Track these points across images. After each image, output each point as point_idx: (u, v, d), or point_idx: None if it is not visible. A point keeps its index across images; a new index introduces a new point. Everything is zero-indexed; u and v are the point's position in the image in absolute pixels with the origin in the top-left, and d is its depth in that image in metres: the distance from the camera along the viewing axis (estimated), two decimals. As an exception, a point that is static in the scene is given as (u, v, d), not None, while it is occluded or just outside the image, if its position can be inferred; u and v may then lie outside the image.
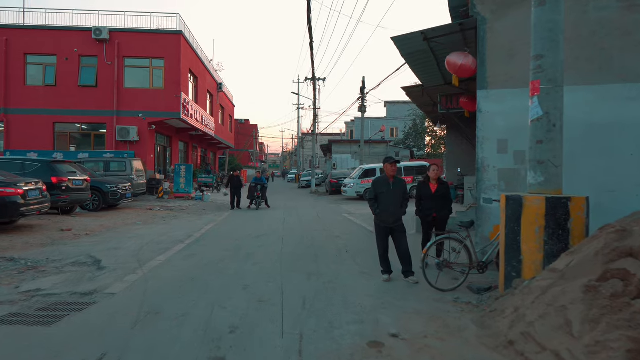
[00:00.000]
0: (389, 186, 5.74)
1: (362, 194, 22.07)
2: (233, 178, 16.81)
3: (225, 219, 13.27)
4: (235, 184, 16.53)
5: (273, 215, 14.59)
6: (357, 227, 11.71)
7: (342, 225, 12.28)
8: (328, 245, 8.75)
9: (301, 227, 11.63)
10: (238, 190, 16.56)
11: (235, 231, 10.76)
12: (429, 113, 13.74)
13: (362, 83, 25.07)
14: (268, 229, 11.05)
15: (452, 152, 16.91)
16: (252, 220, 12.95)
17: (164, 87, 20.93)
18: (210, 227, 11.39)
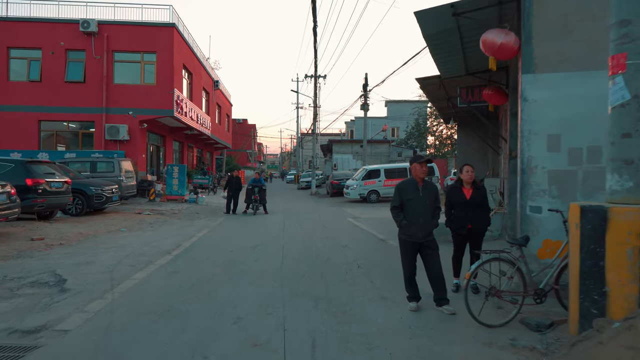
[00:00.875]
0: (417, 192, 4.60)
1: (366, 196, 20.95)
2: (232, 179, 15.27)
3: (219, 225, 12.12)
4: (234, 186, 15.02)
5: (272, 220, 13.39)
6: (365, 235, 10.57)
7: (348, 231, 11.14)
8: (335, 257, 7.60)
9: (303, 234, 10.49)
10: (236, 193, 15.10)
11: (229, 240, 9.60)
12: (441, 109, 12.64)
13: (365, 80, 23.97)
14: (266, 237, 9.90)
15: (463, 151, 15.80)
16: (249, 227, 11.79)
17: (156, 83, 19.77)
18: (202, 235, 10.23)
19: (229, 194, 15.05)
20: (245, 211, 15.11)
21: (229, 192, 15.06)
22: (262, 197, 14.87)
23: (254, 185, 14.83)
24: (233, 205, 15.02)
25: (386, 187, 21.08)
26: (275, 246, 8.68)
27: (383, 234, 10.25)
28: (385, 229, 11.12)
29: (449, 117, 13.98)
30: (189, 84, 24.08)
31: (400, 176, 21.19)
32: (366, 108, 23.98)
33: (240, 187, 15.38)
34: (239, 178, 15.51)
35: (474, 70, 8.25)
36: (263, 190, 14.94)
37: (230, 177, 15.61)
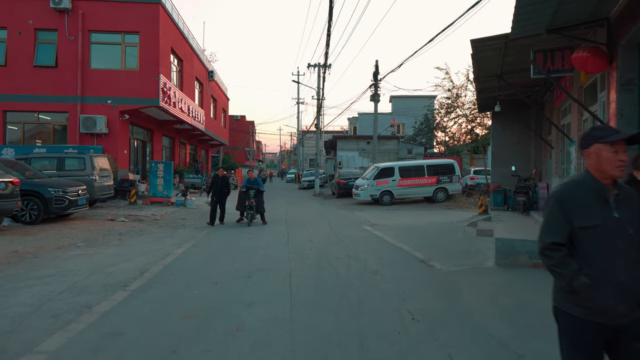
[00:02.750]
0: (608, 209, 2.03)
1: (378, 198, 18.47)
2: (217, 180, 11.93)
3: (206, 238, 9.56)
4: (219, 189, 11.77)
5: (272, 231, 10.63)
6: (394, 251, 8.09)
7: (371, 246, 8.66)
8: (370, 295, 5.12)
9: (315, 251, 8.00)
10: (223, 197, 11.91)
11: (215, 262, 7.10)
12: (483, 91, 10.15)
13: (375, 67, 21.47)
14: (266, 258, 7.40)
15: (499, 145, 13.33)
16: (243, 243, 9.17)
17: (139, 69, 17.24)
18: (181, 253, 7.73)
19: (212, 199, 11.81)
20: (238, 220, 12.12)
21: (213, 197, 11.80)
22: (259, 203, 11.78)
23: (248, 187, 11.70)
24: (220, 214, 11.88)
25: (401, 188, 18.62)
26: (278, 274, 6.19)
27: (419, 251, 7.78)
28: (416, 242, 8.67)
29: (488, 101, 11.51)
30: (178, 72, 21.56)
31: (417, 175, 18.80)
32: (377, 99, 21.49)
33: (228, 190, 12.10)
34: (226, 178, 12.19)
35: (562, 24, 5.78)
36: (260, 194, 11.84)
37: (215, 177, 12.27)
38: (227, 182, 12.13)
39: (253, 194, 11.57)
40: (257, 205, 11.67)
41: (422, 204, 18.51)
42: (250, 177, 12.15)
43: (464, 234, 9.59)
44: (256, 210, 11.75)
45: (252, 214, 11.62)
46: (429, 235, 9.80)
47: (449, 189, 18.89)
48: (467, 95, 21.29)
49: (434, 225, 11.66)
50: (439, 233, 10.10)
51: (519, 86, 9.52)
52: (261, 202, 11.90)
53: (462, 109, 21.52)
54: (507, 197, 12.86)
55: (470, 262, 6.83)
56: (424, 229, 10.93)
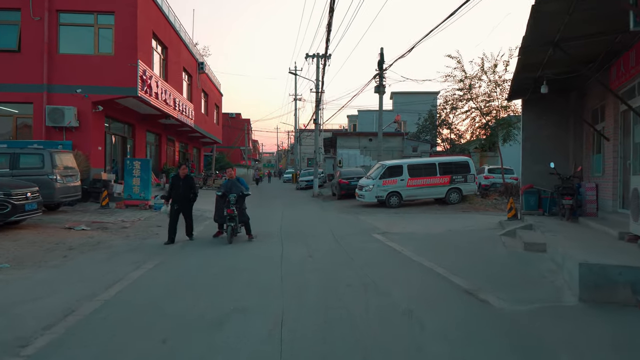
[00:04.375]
0: None
1: (385, 200, 16.48)
2: (177, 182, 8.71)
3: (173, 257, 7.46)
4: (182, 193, 8.59)
5: (260, 249, 7.93)
6: (422, 273, 6.06)
7: (389, 264, 6.66)
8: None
9: (317, 275, 5.97)
10: (187, 204, 8.73)
11: (174, 299, 5.02)
12: (527, 68, 8.12)
13: (380, 56, 19.45)
14: (248, 289, 5.35)
15: (531, 138, 11.32)
16: (221, 263, 6.81)
17: (115, 54, 15.18)
18: (133, 281, 5.68)
19: (172, 208, 8.58)
20: (216, 235, 9.22)
21: (173, 205, 8.59)
22: (241, 212, 8.82)
23: (228, 190, 8.74)
24: (186, 226, 8.83)
25: (411, 188, 16.63)
26: (264, 320, 4.15)
27: (458, 275, 5.76)
28: (448, 260, 6.69)
29: (526, 83, 9.50)
30: (162, 60, 19.50)
31: (428, 174, 16.81)
32: (382, 90, 19.47)
33: (195, 195, 8.91)
34: (191, 180, 8.97)
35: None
36: (242, 197, 8.86)
37: (175, 178, 8.86)
38: (191, 183, 8.91)
39: (234, 200, 8.51)
40: (239, 216, 8.76)
41: (434, 206, 16.53)
42: (230, 177, 9.28)
43: (505, 248, 7.58)
44: (239, 222, 8.87)
45: (232, 226, 8.49)
46: (460, 249, 7.79)
47: (464, 190, 16.93)
48: (481, 87, 19.32)
49: (458, 234, 9.66)
50: (471, 245, 8.09)
51: (575, 61, 7.52)
52: (242, 209, 8.93)
53: (475, 102, 19.55)
54: (542, 199, 10.88)
55: (539, 295, 4.82)
56: (449, 240, 8.92)
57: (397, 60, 17.52)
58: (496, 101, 19.18)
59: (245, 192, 9.07)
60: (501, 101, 19.05)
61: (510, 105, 19.28)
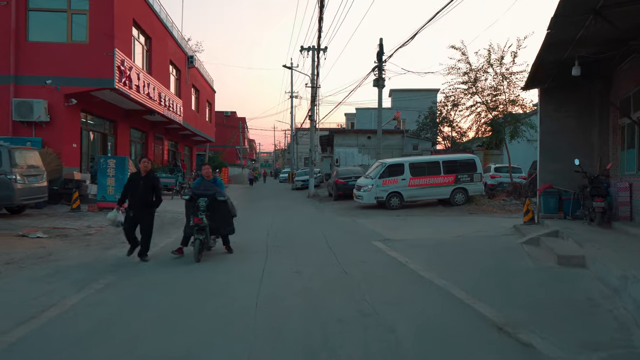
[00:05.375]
0: None
1: (385, 201, 15.22)
2: (136, 181, 6.79)
3: (129, 275, 6.06)
4: (138, 197, 6.69)
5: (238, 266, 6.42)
6: (435, 295, 4.80)
7: (394, 283, 5.39)
8: None
9: (303, 300, 4.69)
10: (145, 209, 6.78)
11: (102, 342, 3.71)
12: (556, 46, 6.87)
13: (380, 47, 18.18)
14: (208, 328, 4.06)
15: (550, 132, 10.07)
16: (177, 292, 5.01)
17: (89, 42, 13.90)
18: (61, 312, 4.39)
19: (128, 216, 6.76)
20: (176, 251, 6.93)
21: (129, 211, 6.77)
22: (220, 219, 6.98)
23: (199, 193, 6.89)
24: (141, 241, 6.82)
25: (413, 189, 15.38)
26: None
27: (482, 300, 4.51)
28: (466, 277, 5.46)
29: (549, 68, 8.26)
30: (146, 52, 18.20)
31: (432, 173, 15.57)
32: (381, 84, 18.21)
33: (159, 199, 6.96)
34: (154, 179, 6.93)
35: None
36: (219, 204, 6.94)
37: (134, 176, 7.00)
38: (155, 183, 6.86)
39: (204, 205, 6.66)
40: (215, 224, 6.87)
41: (437, 208, 15.29)
42: (205, 176, 7.35)
43: (532, 261, 6.31)
44: (217, 233, 7.11)
45: (201, 239, 6.56)
46: (478, 262, 6.53)
47: (470, 190, 15.68)
48: (487, 79, 18.07)
49: (471, 242, 8.40)
50: (490, 257, 6.83)
51: (614, 37, 6.27)
52: (225, 217, 7.12)
53: (481, 96, 18.31)
54: (563, 200, 9.65)
55: (599, 335, 3.57)
56: (461, 248, 7.66)
57: (399, 49, 16.31)
58: (503, 95, 17.95)
59: (219, 197, 6.92)
60: (508, 95, 17.82)
61: (517, 100, 18.07)
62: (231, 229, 7.32)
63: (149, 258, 6.86)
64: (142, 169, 6.88)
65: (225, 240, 7.41)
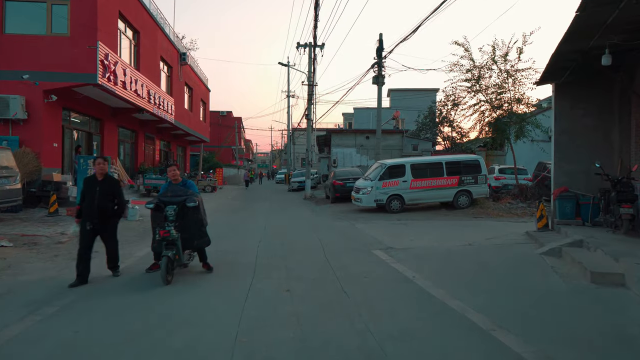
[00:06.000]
0: None
1: (385, 204, 14.42)
2: (93, 186, 5.63)
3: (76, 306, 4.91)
4: (96, 205, 5.54)
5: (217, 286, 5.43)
6: (454, 326, 3.98)
7: (400, 304, 4.58)
8: None
9: (291, 334, 3.86)
10: (106, 220, 5.71)
11: None
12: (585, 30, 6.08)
13: (379, 42, 17.39)
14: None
15: (566, 131, 9.29)
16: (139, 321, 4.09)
17: (70, 34, 13.06)
18: None
19: (83, 227, 5.64)
20: (150, 268, 6.07)
21: (86, 223, 5.62)
22: (194, 229, 5.85)
23: (166, 200, 5.73)
24: (107, 257, 5.89)
25: (414, 191, 14.57)
26: None
27: (508, 328, 3.73)
28: (481, 294, 4.69)
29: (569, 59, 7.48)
30: (134, 47, 17.34)
31: (434, 174, 14.78)
32: (381, 81, 17.41)
33: (122, 207, 5.99)
34: (114, 183, 5.88)
35: None
36: (191, 212, 5.78)
37: (89, 180, 5.81)
38: (115, 189, 5.77)
39: (173, 215, 5.55)
40: (187, 236, 5.74)
41: (440, 211, 14.49)
42: (173, 180, 6.01)
43: (558, 277, 5.49)
44: (186, 246, 5.85)
45: (169, 256, 5.41)
46: (495, 277, 5.71)
47: (474, 192, 14.90)
48: (491, 77, 17.28)
49: (483, 251, 7.59)
50: (509, 271, 6.02)
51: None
52: (198, 226, 5.91)
53: (485, 94, 17.52)
54: (580, 205, 8.86)
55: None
56: (473, 259, 6.85)
57: (400, 43, 15.46)
58: (508, 93, 17.16)
59: (189, 203, 5.65)
60: (514, 93, 17.04)
61: (523, 98, 17.29)
62: (205, 240, 6.10)
63: (120, 272, 5.98)
64: (98, 172, 5.69)
65: (201, 256, 6.18)
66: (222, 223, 12.36)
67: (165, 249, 5.52)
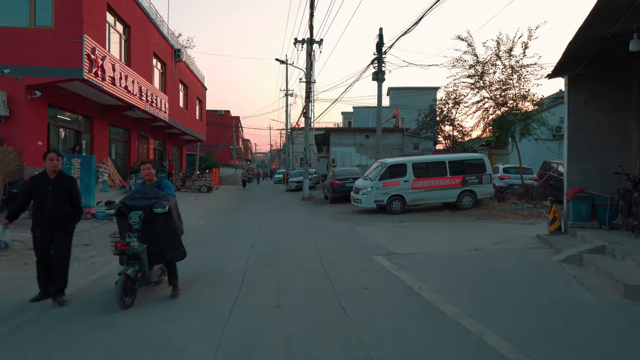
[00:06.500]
0: None
1: (385, 205, 13.80)
2: (38, 187, 4.79)
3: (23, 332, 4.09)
4: (47, 210, 4.65)
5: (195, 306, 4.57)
6: (464, 345, 3.36)
7: (406, 325, 3.96)
8: None
9: None
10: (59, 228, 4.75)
11: None
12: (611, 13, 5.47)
13: (379, 37, 16.76)
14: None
15: (579, 127, 8.67)
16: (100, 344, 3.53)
17: (55, 27, 12.40)
18: None
19: (35, 240, 4.77)
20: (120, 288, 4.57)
21: (34, 231, 4.76)
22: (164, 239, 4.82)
23: (131, 204, 4.74)
24: (55, 277, 4.75)
25: (416, 191, 13.96)
26: None
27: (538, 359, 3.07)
28: (498, 311, 4.11)
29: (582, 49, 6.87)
30: (124, 42, 16.68)
31: (437, 174, 14.17)
32: (381, 77, 16.78)
33: (77, 210, 4.91)
34: (70, 182, 4.96)
35: None
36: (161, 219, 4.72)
37: (37, 180, 4.94)
38: (70, 189, 4.87)
39: (138, 222, 4.61)
40: (156, 248, 4.77)
41: (443, 212, 13.89)
42: (147, 180, 5.20)
43: (585, 290, 4.87)
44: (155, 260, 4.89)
45: (128, 275, 4.46)
46: (513, 291, 5.07)
47: (478, 193, 14.29)
48: (495, 72, 16.66)
49: (493, 258, 6.96)
50: (526, 282, 5.39)
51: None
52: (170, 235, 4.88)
53: (488, 90, 16.90)
54: (596, 206, 8.24)
55: None
56: (485, 268, 6.22)
57: (401, 36, 14.82)
58: (513, 89, 16.55)
59: (156, 209, 4.58)
60: (519, 89, 16.42)
61: (528, 95, 16.68)
62: (179, 253, 5.00)
63: (66, 299, 4.72)
64: (49, 170, 4.81)
65: (170, 274, 4.98)
66: (214, 225, 11.76)
67: (127, 263, 4.54)
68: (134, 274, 4.53)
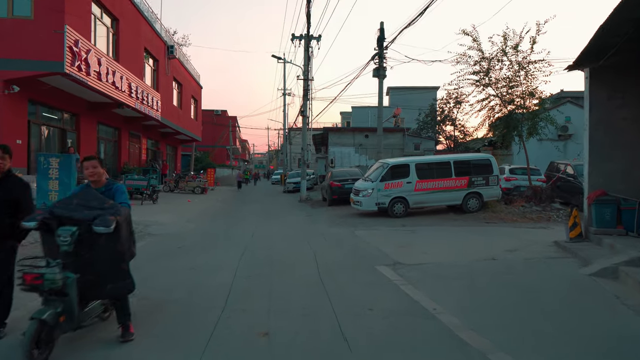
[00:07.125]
0: None
1: (387, 207, 13.03)
2: None
3: None
4: None
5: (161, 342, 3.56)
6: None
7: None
8: None
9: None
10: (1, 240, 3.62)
11: None
12: None
13: (380, 32, 16.01)
14: None
15: (602, 125, 7.92)
16: None
17: (34, 17, 11.64)
18: None
19: None
20: None
21: None
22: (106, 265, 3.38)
23: (64, 214, 3.27)
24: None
25: (420, 193, 13.19)
26: None
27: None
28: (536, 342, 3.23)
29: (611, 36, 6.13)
30: (112, 35, 15.91)
31: (441, 175, 13.41)
32: (382, 74, 16.03)
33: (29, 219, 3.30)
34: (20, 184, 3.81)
35: None
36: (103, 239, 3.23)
37: None
38: (20, 194, 3.75)
39: (70, 242, 3.16)
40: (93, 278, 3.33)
41: (448, 215, 13.15)
42: (91, 181, 3.66)
43: (632, 312, 4.11)
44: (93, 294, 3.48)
45: (44, 320, 3.00)
46: (544, 313, 4.30)
47: (485, 195, 13.54)
48: (502, 69, 15.91)
49: (515, 269, 6.18)
50: (560, 302, 4.62)
51: None
52: (114, 261, 3.45)
53: (494, 87, 16.15)
54: (622, 211, 7.49)
55: None
56: (506, 282, 5.45)
57: (404, 29, 14.07)
58: (520, 87, 15.81)
59: (97, 227, 3.14)
60: (526, 86, 15.68)
61: (536, 92, 15.94)
62: (126, 285, 3.58)
63: (6, 332, 3.66)
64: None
65: (120, 312, 3.62)
66: (203, 230, 10.97)
67: (45, 303, 3.15)
68: (52, 319, 3.05)
